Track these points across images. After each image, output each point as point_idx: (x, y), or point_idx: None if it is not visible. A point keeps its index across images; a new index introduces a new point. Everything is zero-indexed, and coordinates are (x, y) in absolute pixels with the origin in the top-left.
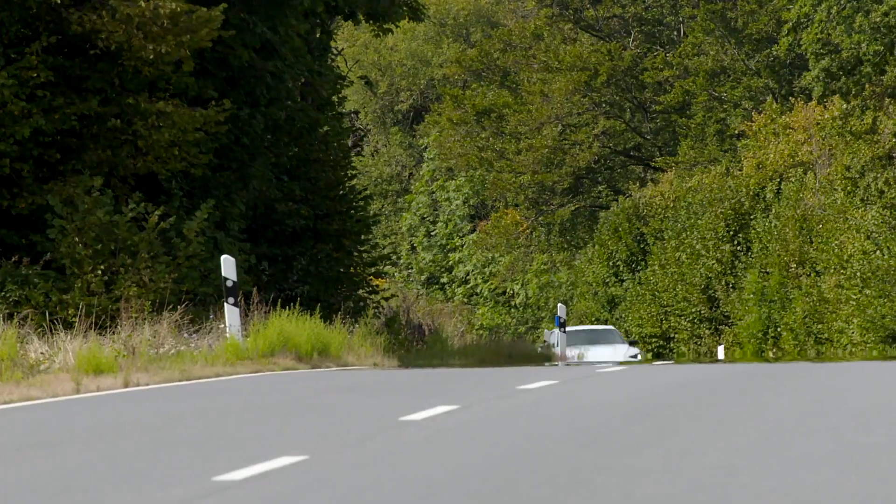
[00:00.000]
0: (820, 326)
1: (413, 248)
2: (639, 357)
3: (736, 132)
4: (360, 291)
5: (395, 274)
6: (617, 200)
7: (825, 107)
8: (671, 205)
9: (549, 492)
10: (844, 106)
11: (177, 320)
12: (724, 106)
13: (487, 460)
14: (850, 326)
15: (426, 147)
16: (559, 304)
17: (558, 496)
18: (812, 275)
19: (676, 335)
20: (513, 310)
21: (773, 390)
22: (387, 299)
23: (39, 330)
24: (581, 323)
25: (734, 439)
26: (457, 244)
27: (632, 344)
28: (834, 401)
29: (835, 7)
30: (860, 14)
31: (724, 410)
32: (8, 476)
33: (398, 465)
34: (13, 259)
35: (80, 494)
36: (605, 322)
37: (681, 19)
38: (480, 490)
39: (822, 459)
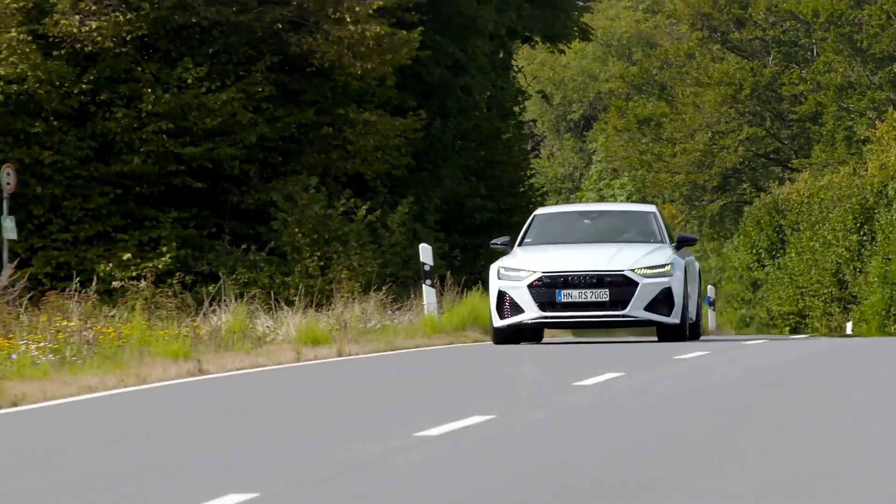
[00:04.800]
0: None
1: None
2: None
3: (861, 138)
4: None
5: None
6: (759, 197)
7: None
8: (806, 200)
9: (698, 447)
10: None
11: (382, 299)
12: (852, 115)
13: (649, 418)
14: None
15: (594, 151)
16: (709, 286)
17: (705, 450)
18: None
19: (811, 313)
20: None
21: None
22: None
23: (265, 307)
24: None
25: (859, 404)
26: None
27: (681, 243)
28: None
29: None
30: None
31: (852, 378)
32: (237, 433)
33: (571, 424)
34: (243, 247)
35: (297, 449)
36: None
37: (814, 41)
38: (643, 442)
39: None
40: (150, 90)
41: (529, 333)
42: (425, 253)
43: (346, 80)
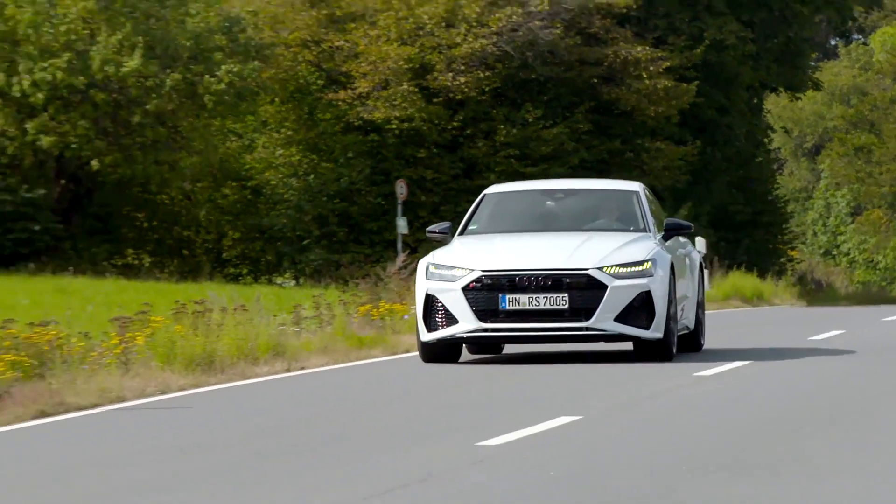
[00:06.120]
0: None
1: (815, 233)
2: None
3: None
4: (782, 259)
5: (804, 249)
6: None
7: None
8: None
9: (882, 395)
10: None
11: None
12: None
13: (860, 362)
14: None
15: (822, 170)
16: None
17: (879, 400)
18: None
19: None
20: (878, 271)
21: None
22: (799, 264)
23: None
24: None
25: None
26: (842, 231)
27: (670, 231)
28: None
29: None
30: None
31: None
32: (563, 372)
33: (806, 366)
34: None
35: (609, 384)
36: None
37: None
38: (861, 382)
39: None
40: (502, 126)
41: (475, 346)
42: (700, 244)
43: (642, 119)
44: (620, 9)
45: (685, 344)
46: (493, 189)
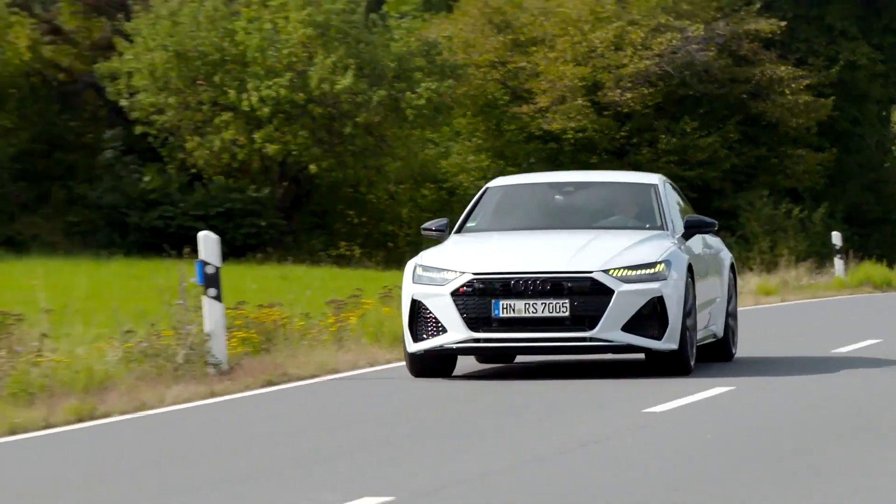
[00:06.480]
0: None
1: None
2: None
3: None
4: None
5: None
6: None
7: None
8: None
9: None
10: None
11: (809, 267)
12: None
13: None
14: None
15: None
16: None
17: None
18: None
19: None
20: None
21: None
22: None
23: None
24: None
25: None
26: None
27: (691, 229)
28: None
29: None
30: None
31: None
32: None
33: None
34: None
35: (762, 355)
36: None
37: None
38: None
39: None
40: (663, 136)
41: (480, 355)
42: (836, 238)
43: (785, 129)
44: (766, 34)
45: (713, 353)
46: (496, 182)
